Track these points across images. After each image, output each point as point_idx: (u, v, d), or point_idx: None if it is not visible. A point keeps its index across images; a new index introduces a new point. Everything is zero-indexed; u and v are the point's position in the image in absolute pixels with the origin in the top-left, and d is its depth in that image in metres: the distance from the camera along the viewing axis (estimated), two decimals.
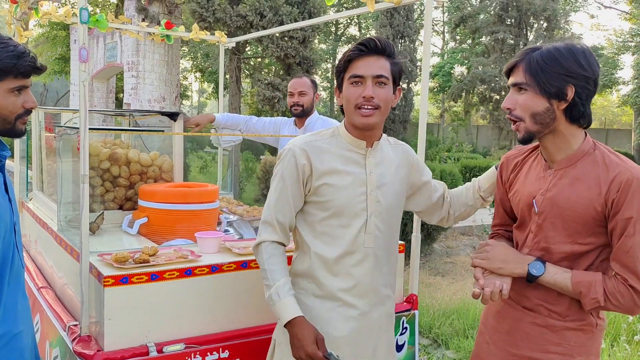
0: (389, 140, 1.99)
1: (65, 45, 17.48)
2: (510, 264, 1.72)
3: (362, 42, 1.82)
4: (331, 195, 1.83)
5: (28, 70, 1.66)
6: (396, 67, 1.83)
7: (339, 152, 1.87)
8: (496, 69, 10.83)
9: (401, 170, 1.96)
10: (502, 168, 1.93)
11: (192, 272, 2.05)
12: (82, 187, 1.97)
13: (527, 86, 1.67)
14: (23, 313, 1.80)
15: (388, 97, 1.81)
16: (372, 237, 1.85)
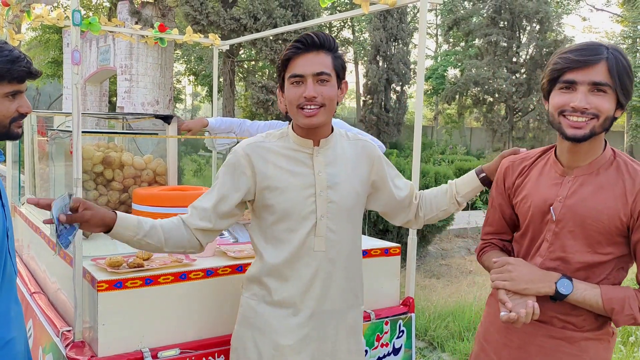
0: (347, 136, 1.89)
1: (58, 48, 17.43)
2: (536, 283, 1.61)
3: (298, 38, 1.73)
4: (275, 198, 1.76)
5: (22, 75, 1.65)
6: (338, 61, 1.76)
7: (285, 153, 1.79)
8: (489, 71, 10.86)
9: (360, 167, 1.85)
10: (506, 173, 1.81)
11: (187, 276, 2.03)
12: (75, 191, 1.95)
13: (608, 88, 1.52)
14: (16, 319, 1.78)
15: (332, 94, 1.73)
16: (323, 240, 1.77)
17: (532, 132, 11.32)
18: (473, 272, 7.75)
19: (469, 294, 5.88)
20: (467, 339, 4.46)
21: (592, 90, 1.52)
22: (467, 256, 8.94)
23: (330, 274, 1.79)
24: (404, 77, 17.87)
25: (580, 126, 1.53)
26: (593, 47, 1.54)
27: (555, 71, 1.57)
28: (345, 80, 1.82)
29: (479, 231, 8.95)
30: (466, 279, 7.32)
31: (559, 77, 1.57)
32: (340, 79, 1.78)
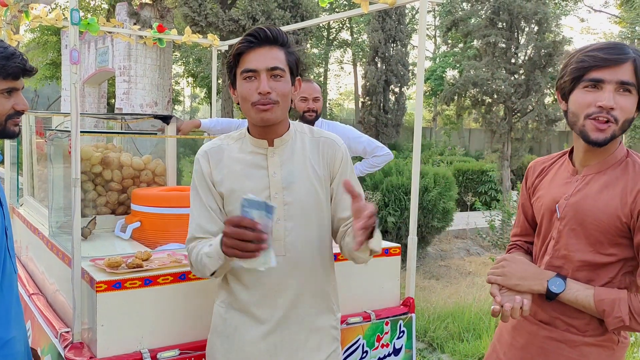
0: (311, 132, 1.79)
1: (57, 50, 17.41)
2: (528, 280, 1.62)
3: (250, 32, 1.66)
4: (232, 204, 1.70)
5: (17, 71, 1.64)
6: (292, 56, 1.69)
7: (241, 156, 1.73)
8: (488, 72, 10.86)
9: (315, 163, 1.74)
10: (529, 173, 1.83)
11: (186, 276, 2.02)
12: (74, 192, 1.94)
13: (633, 88, 1.50)
14: (16, 319, 1.77)
15: (286, 90, 1.66)
16: (281, 244, 1.68)
17: (531, 133, 11.32)
18: (472, 273, 7.74)
19: (468, 295, 5.87)
20: (466, 340, 4.45)
21: (619, 89, 1.49)
22: (466, 257, 8.94)
23: (295, 278, 1.70)
24: (402, 78, 17.87)
25: (604, 129, 1.50)
26: (620, 46, 1.51)
27: (582, 69, 1.53)
28: (299, 78, 1.75)
29: (478, 232, 8.96)
30: (465, 279, 7.32)
31: (584, 76, 1.53)
32: (293, 75, 1.71)
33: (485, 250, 9.11)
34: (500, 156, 11.32)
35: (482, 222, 9.29)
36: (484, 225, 9.02)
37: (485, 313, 4.97)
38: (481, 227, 9.26)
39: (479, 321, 4.80)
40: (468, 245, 9.52)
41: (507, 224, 8.03)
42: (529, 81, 10.89)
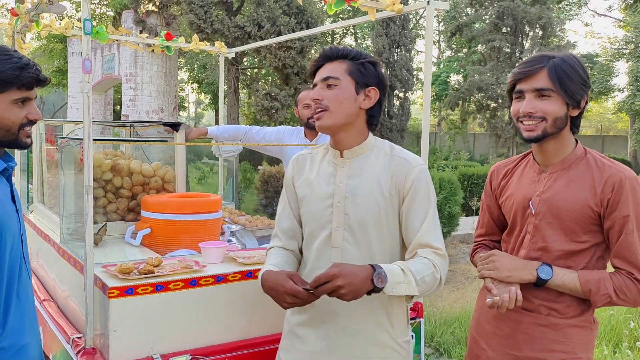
0: (390, 150, 1.82)
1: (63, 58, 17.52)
2: (518, 271, 1.76)
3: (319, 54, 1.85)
4: (304, 207, 1.84)
5: (31, 82, 1.67)
6: (356, 66, 1.76)
7: (320, 164, 1.85)
8: (492, 77, 10.87)
9: (384, 181, 1.76)
10: (492, 176, 2.01)
11: (197, 282, 2.04)
12: (87, 198, 1.96)
13: (551, 92, 1.71)
14: (30, 325, 1.79)
15: (338, 97, 1.73)
16: (339, 251, 1.75)
17: None
18: (478, 278, 7.72)
19: (474, 300, 5.86)
20: None
21: (538, 96, 1.72)
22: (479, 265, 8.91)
23: None
24: (406, 83, 17.89)
25: (532, 129, 1.73)
26: (535, 58, 1.77)
27: (511, 84, 1.81)
28: (372, 87, 1.77)
29: None
30: (471, 284, 7.31)
31: (513, 89, 1.81)
32: (360, 84, 1.76)
33: None
34: None
35: None
36: None
37: None
38: None
39: None
40: None
41: None
42: None
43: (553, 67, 1.71)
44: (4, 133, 1.67)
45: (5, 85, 1.62)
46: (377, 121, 1.84)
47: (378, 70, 1.80)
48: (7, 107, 1.65)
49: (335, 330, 1.77)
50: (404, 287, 1.60)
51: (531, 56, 1.81)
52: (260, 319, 2.17)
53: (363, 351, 1.76)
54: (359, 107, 1.77)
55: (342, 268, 1.55)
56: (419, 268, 1.65)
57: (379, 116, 1.84)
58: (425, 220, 1.73)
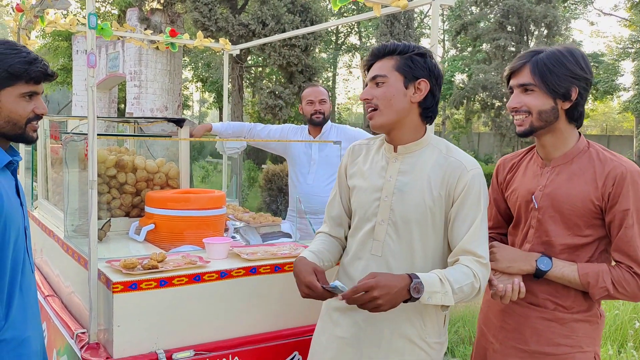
0: (446, 150, 1.79)
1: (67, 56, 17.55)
2: (518, 262, 1.78)
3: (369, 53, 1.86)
4: (354, 196, 1.88)
5: (39, 76, 1.68)
6: (403, 60, 1.75)
7: (375, 156, 1.87)
8: (497, 75, 10.83)
9: (434, 181, 1.74)
10: (499, 170, 2.02)
11: (201, 277, 2.03)
12: (91, 194, 1.96)
13: (534, 87, 1.75)
14: (32, 318, 1.79)
15: (387, 94, 1.74)
16: (380, 244, 1.77)
17: None
18: None
19: (478, 299, 5.86)
20: None
21: (523, 91, 1.78)
22: None
23: None
24: None
25: (520, 123, 1.78)
26: (522, 54, 1.83)
27: (506, 80, 1.88)
28: (422, 79, 1.75)
29: None
30: None
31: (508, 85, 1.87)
32: (408, 79, 1.74)
33: None
34: None
35: None
36: None
37: None
38: None
39: None
40: None
41: None
42: None
43: (535, 62, 1.75)
44: (11, 126, 1.69)
45: (14, 79, 1.64)
46: (433, 113, 1.81)
47: (428, 61, 1.77)
48: (14, 101, 1.66)
49: (364, 319, 1.79)
50: (440, 297, 1.59)
51: (521, 53, 1.87)
52: (264, 314, 2.16)
53: (389, 343, 1.77)
54: (410, 102, 1.76)
55: (379, 280, 1.54)
56: (458, 277, 1.64)
57: (435, 107, 1.81)
58: (472, 226, 1.70)
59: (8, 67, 1.63)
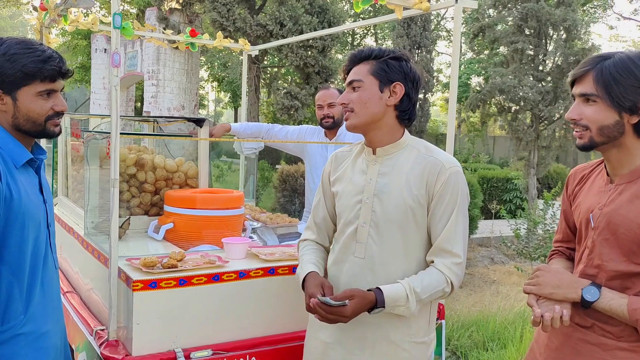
0: (426, 150, 1.82)
1: (86, 54, 17.74)
2: (562, 289, 1.64)
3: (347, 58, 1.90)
4: (338, 201, 1.90)
5: (53, 74, 1.70)
6: (379, 65, 1.79)
7: (356, 161, 1.90)
8: (515, 79, 10.73)
9: (413, 181, 1.77)
10: (569, 181, 1.87)
11: (220, 277, 2.04)
12: (112, 192, 1.98)
13: (597, 97, 1.58)
14: (53, 313, 1.81)
15: (362, 97, 1.78)
16: (363, 246, 1.79)
17: (558, 141, 11.14)
18: (497, 282, 7.66)
19: (492, 304, 5.81)
20: (491, 349, 4.40)
21: (584, 101, 1.61)
22: (491, 265, 8.84)
23: (370, 284, 1.76)
24: (427, 84, 17.77)
25: (579, 136, 1.63)
26: (586, 60, 1.65)
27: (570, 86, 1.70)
28: (397, 83, 1.78)
29: (503, 241, 8.86)
30: (490, 288, 7.24)
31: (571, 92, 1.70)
32: (383, 82, 1.78)
33: (510, 259, 9.00)
34: (527, 164, 11.17)
35: (507, 230, 9.19)
36: (509, 233, 8.92)
37: (510, 322, 4.91)
38: (506, 236, 9.15)
39: (504, 330, 4.75)
40: (492, 253, 9.42)
41: (532, 232, 7.92)
42: (556, 89, 10.74)
43: (600, 70, 1.58)
44: (31, 124, 1.71)
45: (29, 78, 1.66)
46: (410, 115, 1.84)
47: (403, 64, 1.81)
48: (32, 99, 1.68)
49: (349, 323, 1.77)
50: (402, 309, 1.69)
51: (587, 57, 1.70)
52: (282, 315, 2.17)
53: (372, 347, 1.79)
54: (386, 105, 1.79)
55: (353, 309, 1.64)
56: (427, 286, 1.71)
57: (412, 110, 1.84)
58: (449, 223, 1.74)
59: (22, 67, 1.64)
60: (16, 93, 1.67)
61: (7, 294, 1.65)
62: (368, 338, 1.80)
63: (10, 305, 1.66)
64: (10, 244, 1.63)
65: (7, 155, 1.67)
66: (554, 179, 13.61)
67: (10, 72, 1.64)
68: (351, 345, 1.81)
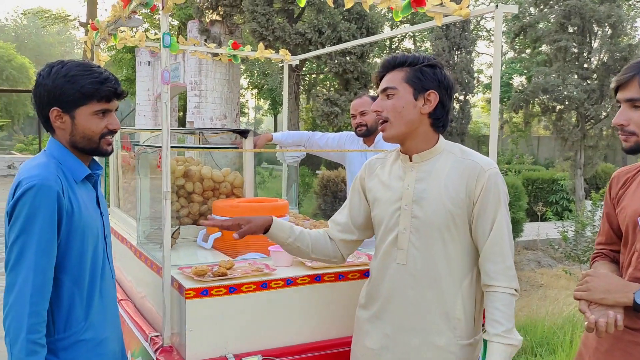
0: (461, 154, 1.83)
1: (131, 67, 18.25)
2: (613, 293, 1.63)
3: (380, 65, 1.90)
4: (375, 209, 1.91)
5: (109, 95, 1.80)
6: (413, 72, 1.79)
7: (391, 168, 1.91)
8: (559, 78, 10.50)
9: (453, 185, 1.77)
10: (612, 183, 1.87)
11: (268, 285, 2.09)
12: (165, 204, 2.06)
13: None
14: (111, 320, 1.91)
15: (396, 106, 1.79)
16: (404, 253, 1.80)
17: (605, 141, 10.83)
18: (544, 286, 7.50)
19: (540, 309, 5.70)
20: (540, 355, 4.32)
21: (631, 106, 1.62)
22: (537, 269, 8.66)
23: (413, 290, 1.79)
24: (467, 86, 17.53)
25: (625, 139, 1.65)
26: (629, 66, 1.66)
27: (613, 91, 1.72)
28: (431, 91, 1.79)
29: (549, 243, 8.67)
30: (537, 292, 7.10)
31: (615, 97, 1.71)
32: (418, 90, 1.79)
33: (557, 262, 8.80)
34: (573, 164, 10.90)
35: (553, 232, 8.99)
36: (556, 236, 8.72)
37: (560, 327, 4.81)
38: (553, 238, 8.96)
39: (553, 335, 4.65)
40: (539, 256, 9.23)
41: (580, 234, 7.73)
42: (602, 87, 10.46)
43: None
44: (86, 142, 1.81)
45: (86, 98, 1.76)
46: (444, 122, 1.85)
47: (437, 72, 1.81)
48: (88, 118, 1.78)
49: (393, 330, 1.84)
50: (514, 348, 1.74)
51: (630, 62, 1.71)
52: (329, 321, 2.21)
53: (418, 353, 1.80)
54: (420, 113, 1.80)
55: None
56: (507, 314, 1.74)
57: (445, 117, 1.84)
58: (495, 225, 1.75)
59: (80, 88, 1.75)
60: (74, 112, 1.77)
61: (69, 302, 1.75)
62: (413, 344, 1.81)
63: (72, 312, 1.76)
64: (71, 255, 1.73)
65: (67, 170, 1.78)
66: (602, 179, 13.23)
67: (69, 92, 1.74)
68: (398, 351, 1.83)
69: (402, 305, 1.82)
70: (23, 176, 1.67)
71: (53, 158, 1.77)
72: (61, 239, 1.69)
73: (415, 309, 1.81)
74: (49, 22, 26.77)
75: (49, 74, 1.75)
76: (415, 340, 1.81)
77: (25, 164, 1.76)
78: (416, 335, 1.81)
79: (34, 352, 1.58)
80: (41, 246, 1.62)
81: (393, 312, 1.84)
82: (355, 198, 2.01)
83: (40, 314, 1.62)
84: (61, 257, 1.70)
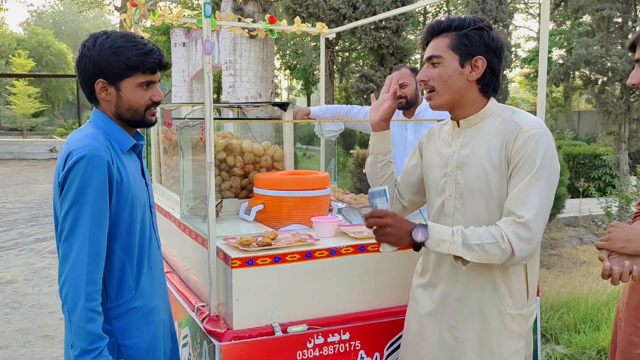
0: (510, 116, 1.74)
1: (166, 49, 18.43)
2: (633, 242, 1.64)
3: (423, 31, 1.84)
4: (427, 175, 1.93)
5: (154, 67, 1.80)
6: (458, 38, 1.72)
7: (444, 135, 1.90)
8: (602, 49, 10.14)
9: (494, 147, 1.70)
10: None
11: (312, 255, 2.10)
12: (209, 174, 2.07)
13: None
14: (160, 289, 1.95)
15: (442, 75, 1.74)
16: (450, 220, 1.80)
17: None
18: (587, 263, 7.35)
19: (583, 285, 5.59)
20: (583, 332, 4.25)
21: None
22: (579, 246, 8.48)
23: None
24: (505, 60, 17.13)
25: None
26: None
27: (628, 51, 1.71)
28: (479, 57, 1.72)
29: (592, 220, 8.47)
30: (579, 269, 6.97)
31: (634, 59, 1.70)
32: (464, 57, 1.72)
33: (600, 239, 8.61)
34: (617, 139, 10.57)
35: (596, 209, 8.78)
36: (599, 212, 8.51)
37: (604, 304, 4.72)
38: (595, 215, 8.74)
39: (597, 312, 4.57)
40: (581, 233, 9.03)
41: (625, 210, 7.52)
42: None
43: None
44: (132, 114, 1.82)
45: (132, 70, 1.76)
46: (495, 86, 1.78)
47: (484, 35, 1.73)
48: (134, 90, 1.79)
49: (441, 295, 1.85)
50: (447, 246, 1.65)
51: None
52: (373, 292, 2.20)
53: (464, 318, 1.80)
54: (467, 80, 1.74)
55: (395, 215, 1.70)
56: (479, 234, 1.64)
57: (496, 81, 1.78)
58: (520, 185, 1.64)
59: (126, 60, 1.75)
60: (119, 84, 1.78)
61: (121, 270, 1.78)
62: (461, 311, 1.80)
63: (124, 281, 1.79)
64: (121, 224, 1.76)
65: (114, 141, 1.80)
66: None
67: (115, 64, 1.75)
68: (446, 317, 1.84)
69: (451, 273, 1.82)
70: (73, 147, 1.68)
71: (99, 129, 1.79)
72: (112, 208, 1.71)
73: (464, 277, 1.79)
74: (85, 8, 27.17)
75: (93, 45, 1.76)
76: (461, 306, 1.80)
77: (72, 135, 1.78)
78: (462, 301, 1.80)
79: (92, 319, 1.62)
80: (94, 215, 1.64)
81: (442, 279, 1.85)
82: (413, 161, 2.03)
83: (96, 282, 1.65)
84: (112, 227, 1.73)
